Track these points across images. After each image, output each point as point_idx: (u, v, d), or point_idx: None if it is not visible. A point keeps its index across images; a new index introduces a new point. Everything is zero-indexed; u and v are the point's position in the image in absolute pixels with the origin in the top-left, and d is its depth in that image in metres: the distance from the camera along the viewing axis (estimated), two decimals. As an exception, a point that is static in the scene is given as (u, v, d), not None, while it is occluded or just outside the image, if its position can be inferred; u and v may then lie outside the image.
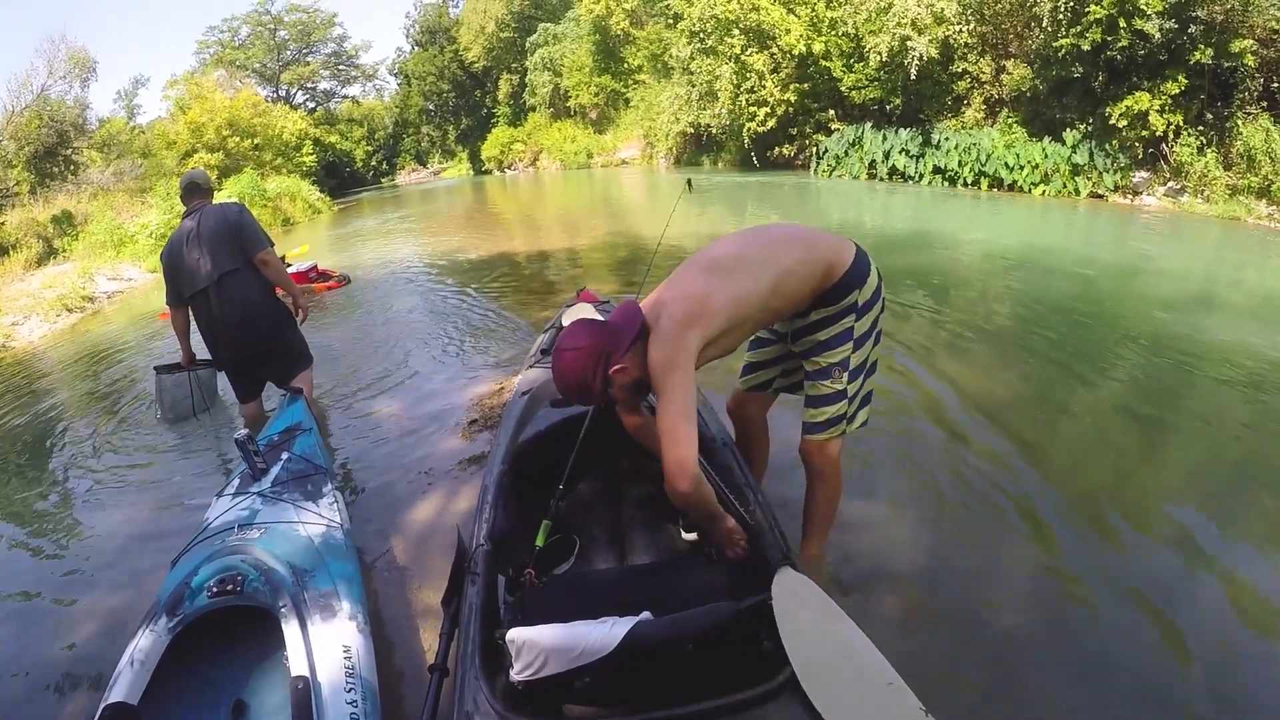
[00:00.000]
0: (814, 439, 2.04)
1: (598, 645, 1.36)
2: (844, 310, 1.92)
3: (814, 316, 1.94)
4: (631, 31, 30.92)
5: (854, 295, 1.91)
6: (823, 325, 1.94)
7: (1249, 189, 9.27)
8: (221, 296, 3.35)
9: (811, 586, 1.55)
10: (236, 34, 43.10)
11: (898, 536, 2.55)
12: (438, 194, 29.03)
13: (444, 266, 9.63)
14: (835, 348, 1.94)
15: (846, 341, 1.94)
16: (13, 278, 11.40)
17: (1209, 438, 3.25)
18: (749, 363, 2.28)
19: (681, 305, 1.75)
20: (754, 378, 2.27)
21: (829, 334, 1.94)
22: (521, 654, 1.35)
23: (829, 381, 1.96)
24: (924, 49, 13.56)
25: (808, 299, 1.90)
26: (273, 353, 3.56)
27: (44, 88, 18.63)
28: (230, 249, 3.31)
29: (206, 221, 3.33)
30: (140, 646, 1.67)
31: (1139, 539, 2.51)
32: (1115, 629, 2.06)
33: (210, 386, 4.36)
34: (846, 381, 1.96)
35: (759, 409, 2.35)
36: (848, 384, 1.96)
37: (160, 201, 14.85)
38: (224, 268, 3.31)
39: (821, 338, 1.95)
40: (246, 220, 3.37)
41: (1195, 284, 6.30)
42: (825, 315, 1.93)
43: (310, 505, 2.26)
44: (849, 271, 1.90)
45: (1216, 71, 9.82)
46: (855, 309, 1.93)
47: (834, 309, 1.92)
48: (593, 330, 1.78)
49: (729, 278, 1.80)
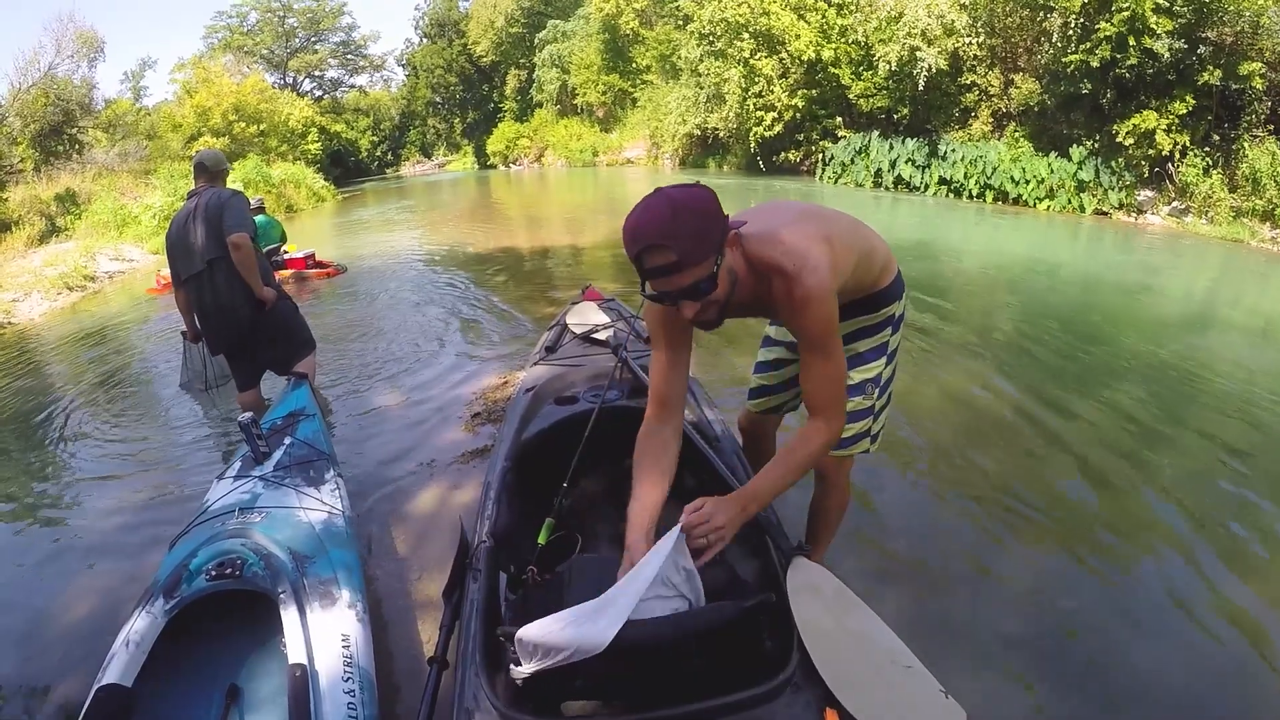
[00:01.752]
0: (839, 454, 1.90)
1: (595, 641, 1.35)
2: (884, 322, 1.80)
3: (853, 325, 1.79)
4: (641, 31, 30.91)
5: (895, 306, 1.80)
6: (862, 336, 1.81)
7: (1253, 211, 9.30)
8: (212, 282, 3.33)
9: (826, 574, 1.56)
10: (245, 19, 43.01)
11: (896, 544, 2.56)
12: (442, 187, 29.00)
13: (447, 259, 9.62)
14: (871, 362, 1.81)
15: (882, 356, 1.82)
16: (15, 254, 11.37)
17: (1206, 453, 3.26)
18: (760, 386, 2.12)
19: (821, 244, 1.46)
20: (765, 402, 2.13)
21: (868, 346, 1.81)
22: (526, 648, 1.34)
23: (861, 398, 1.82)
24: (933, 60, 13.57)
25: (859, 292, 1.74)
26: (259, 340, 3.49)
27: (51, 66, 18.62)
28: (219, 235, 3.28)
29: (204, 206, 3.33)
30: (136, 628, 1.66)
31: (1139, 543, 2.52)
32: (1113, 636, 2.07)
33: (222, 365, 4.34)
34: (877, 397, 1.84)
35: (772, 428, 2.26)
36: (877, 399, 1.84)
37: (164, 183, 14.83)
38: (212, 253, 3.29)
39: (861, 349, 1.81)
40: (231, 203, 3.31)
41: (1196, 305, 6.32)
42: (866, 325, 1.80)
43: (312, 491, 2.25)
44: (896, 280, 1.80)
45: (1224, 93, 9.85)
46: (894, 322, 1.82)
47: (876, 318, 1.79)
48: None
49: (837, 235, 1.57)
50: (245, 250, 3.23)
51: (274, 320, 3.49)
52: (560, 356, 2.91)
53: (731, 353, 4.55)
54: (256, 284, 3.32)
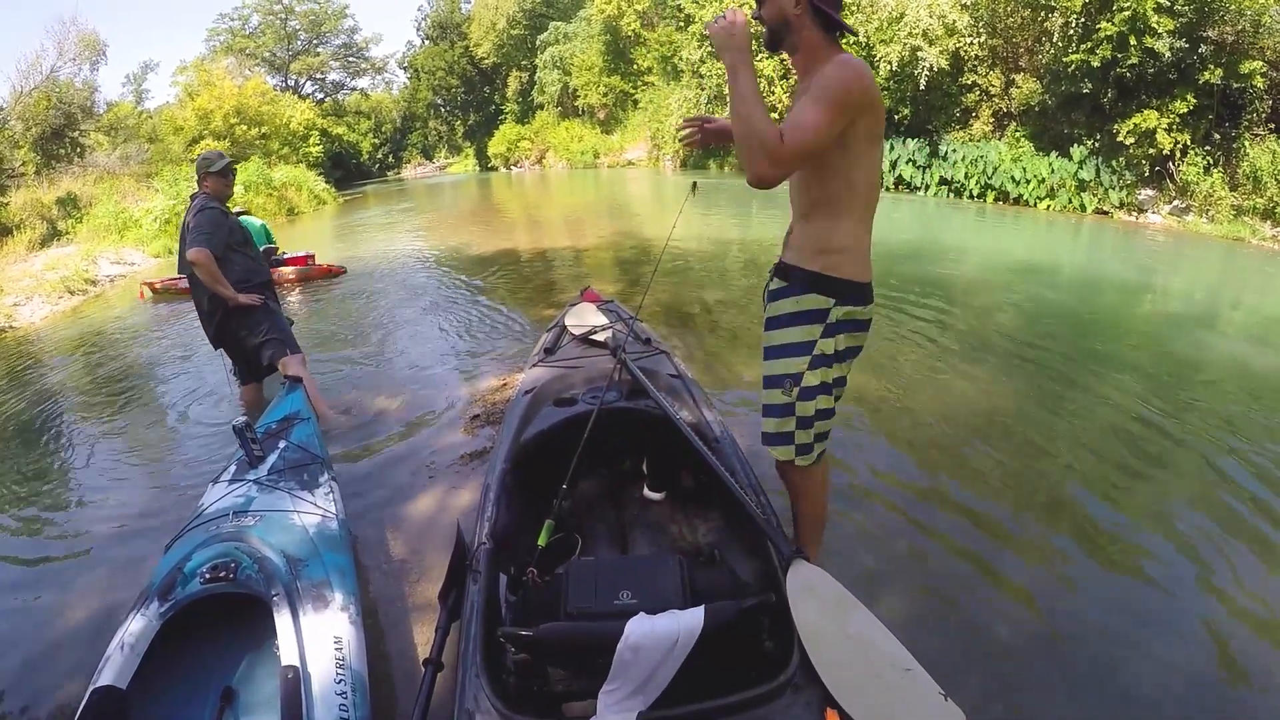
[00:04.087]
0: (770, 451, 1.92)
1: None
2: (811, 314, 1.78)
3: (784, 308, 1.81)
4: (642, 33, 30.96)
5: (828, 304, 1.76)
6: (783, 324, 1.82)
7: (1254, 210, 9.28)
8: (195, 284, 3.58)
9: (826, 577, 1.56)
10: (247, 22, 43.10)
11: (896, 546, 2.55)
12: (443, 189, 29.04)
13: (447, 261, 9.63)
14: (789, 357, 1.81)
15: (804, 355, 1.79)
16: (16, 258, 11.40)
17: (1207, 452, 3.24)
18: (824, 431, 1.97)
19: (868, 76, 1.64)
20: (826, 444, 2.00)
21: (786, 338, 1.81)
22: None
23: (779, 392, 1.83)
24: (934, 60, 13.57)
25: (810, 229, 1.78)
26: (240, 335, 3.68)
27: (53, 69, 18.66)
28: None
29: (188, 215, 3.56)
30: (131, 630, 1.66)
31: (1140, 544, 2.51)
32: (1114, 638, 2.06)
33: None
34: (797, 399, 1.82)
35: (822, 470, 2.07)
36: (798, 401, 1.82)
37: (166, 187, 14.83)
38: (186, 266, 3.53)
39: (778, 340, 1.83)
40: (198, 219, 3.49)
41: (1197, 304, 6.30)
42: (794, 311, 1.79)
43: (306, 495, 2.25)
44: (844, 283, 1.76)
45: (1225, 92, 9.84)
46: (826, 323, 1.77)
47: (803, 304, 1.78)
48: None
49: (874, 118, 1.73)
50: (202, 266, 3.43)
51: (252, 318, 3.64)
52: (559, 358, 2.91)
53: (732, 355, 4.55)
54: (224, 292, 3.51)
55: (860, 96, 1.61)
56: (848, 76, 1.60)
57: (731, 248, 9.17)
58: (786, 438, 1.87)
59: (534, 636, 1.39)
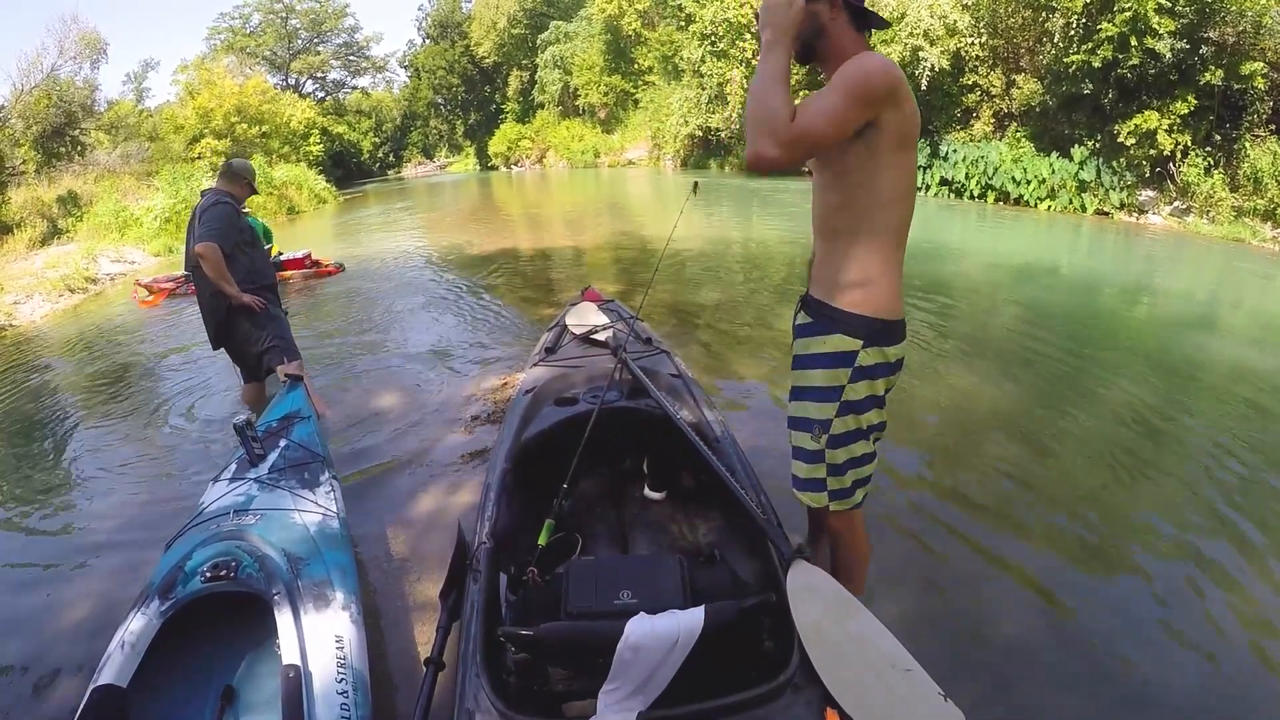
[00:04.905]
0: (799, 495, 1.80)
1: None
2: (840, 357, 1.62)
3: (812, 348, 1.67)
4: (643, 32, 30.94)
5: (855, 345, 1.60)
6: (818, 364, 1.66)
7: (1255, 211, 9.28)
8: (200, 279, 3.50)
9: (826, 578, 1.56)
10: (248, 21, 43.07)
11: (895, 547, 2.55)
12: (443, 188, 29.03)
13: (448, 260, 9.63)
14: (817, 401, 1.67)
15: (833, 400, 1.65)
16: (16, 256, 11.40)
17: (1208, 453, 3.24)
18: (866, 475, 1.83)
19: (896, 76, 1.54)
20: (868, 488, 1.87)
21: (813, 381, 1.67)
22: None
23: (807, 437, 1.71)
24: (935, 60, 13.56)
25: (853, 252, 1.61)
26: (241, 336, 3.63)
27: (54, 67, 18.62)
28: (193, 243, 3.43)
29: (198, 210, 3.49)
30: (132, 629, 1.66)
31: (1141, 545, 2.51)
32: (1115, 638, 2.06)
33: None
34: (827, 445, 1.69)
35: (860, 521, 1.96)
36: (828, 448, 1.69)
37: (166, 185, 14.82)
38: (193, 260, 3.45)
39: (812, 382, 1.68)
40: (210, 212, 3.41)
41: (1197, 305, 6.30)
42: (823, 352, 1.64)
43: (307, 493, 2.25)
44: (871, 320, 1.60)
45: (1226, 93, 9.83)
46: (854, 366, 1.62)
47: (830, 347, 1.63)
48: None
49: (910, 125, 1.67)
50: (209, 260, 3.34)
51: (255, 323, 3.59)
52: (560, 357, 2.91)
53: (733, 354, 4.54)
54: (228, 290, 3.42)
55: (883, 88, 1.50)
56: (870, 66, 1.50)
57: (733, 247, 9.17)
58: (818, 484, 1.75)
59: (534, 636, 1.39)
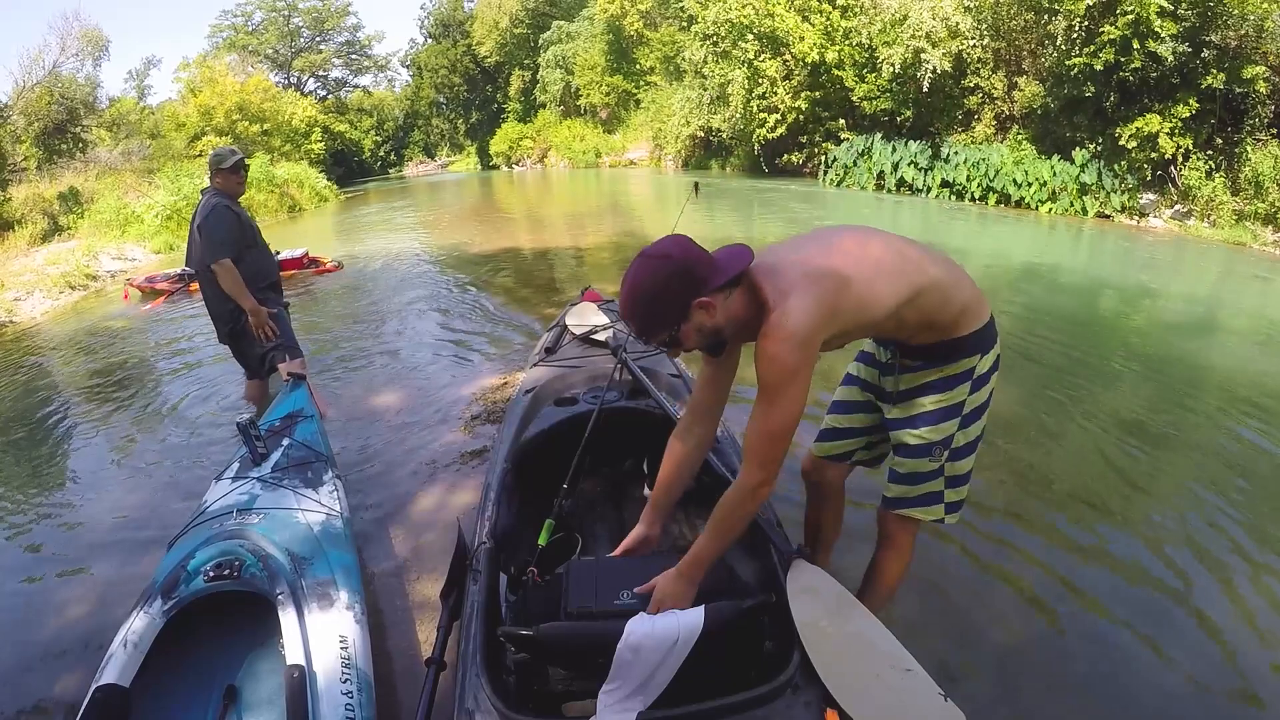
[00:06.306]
0: (901, 513, 1.76)
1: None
2: (958, 377, 1.60)
3: (918, 380, 1.64)
4: (645, 32, 30.91)
5: (974, 360, 1.59)
6: (929, 391, 1.63)
7: (1256, 215, 9.28)
8: (205, 282, 3.49)
9: (826, 577, 1.56)
10: (250, 19, 43.01)
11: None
12: (445, 187, 29.02)
13: (448, 259, 9.63)
14: (938, 423, 1.63)
15: (954, 417, 1.62)
16: (17, 253, 11.39)
17: (1208, 455, 3.25)
18: (832, 428, 1.91)
19: (817, 284, 1.37)
20: (835, 446, 1.91)
21: (936, 404, 1.63)
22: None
23: (927, 460, 1.66)
24: (937, 62, 13.56)
25: (928, 333, 1.57)
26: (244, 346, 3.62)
27: (56, 64, 18.65)
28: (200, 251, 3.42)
29: (198, 214, 3.44)
30: (134, 628, 1.66)
31: (1142, 546, 2.51)
32: (1115, 640, 2.06)
33: None
34: (946, 460, 1.66)
35: (837, 476, 1.99)
36: (946, 462, 1.67)
37: (167, 183, 14.82)
38: (198, 265, 3.47)
39: (928, 405, 1.63)
40: (209, 227, 3.35)
41: (1198, 308, 6.30)
42: (932, 379, 1.62)
43: (310, 493, 2.25)
44: (981, 331, 1.59)
45: (1228, 96, 9.83)
46: (973, 379, 1.61)
47: (947, 372, 1.60)
48: (689, 248, 1.40)
49: (869, 267, 1.46)
50: (226, 276, 3.35)
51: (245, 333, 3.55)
52: (560, 358, 2.91)
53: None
54: (244, 303, 3.42)
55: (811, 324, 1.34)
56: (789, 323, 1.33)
57: (733, 248, 9.15)
58: (934, 497, 1.71)
59: (534, 636, 1.40)
